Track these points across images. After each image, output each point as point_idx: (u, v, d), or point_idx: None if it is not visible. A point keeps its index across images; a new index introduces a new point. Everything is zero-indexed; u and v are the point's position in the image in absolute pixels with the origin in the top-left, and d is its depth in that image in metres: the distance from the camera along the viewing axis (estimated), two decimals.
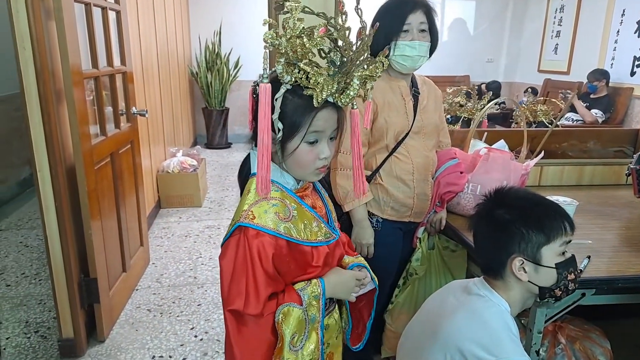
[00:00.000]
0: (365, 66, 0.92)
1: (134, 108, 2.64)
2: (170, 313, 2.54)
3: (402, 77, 1.60)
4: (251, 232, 0.94)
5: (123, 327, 2.41)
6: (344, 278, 1.08)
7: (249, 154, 1.08)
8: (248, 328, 0.95)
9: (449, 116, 3.05)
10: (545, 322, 1.38)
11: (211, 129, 6.25)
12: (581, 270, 1.15)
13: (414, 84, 1.64)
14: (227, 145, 6.44)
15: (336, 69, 0.92)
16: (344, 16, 0.89)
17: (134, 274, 2.74)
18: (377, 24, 0.98)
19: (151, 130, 3.71)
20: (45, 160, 1.89)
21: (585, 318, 1.79)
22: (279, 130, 0.95)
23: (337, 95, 0.92)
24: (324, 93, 0.90)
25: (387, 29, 1.47)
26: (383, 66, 0.94)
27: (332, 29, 0.89)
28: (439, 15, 1.60)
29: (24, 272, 2.94)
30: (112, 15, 2.38)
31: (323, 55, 0.93)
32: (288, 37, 0.87)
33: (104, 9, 2.25)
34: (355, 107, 0.99)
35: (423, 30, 1.52)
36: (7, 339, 2.28)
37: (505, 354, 1.00)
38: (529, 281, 1.09)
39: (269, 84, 0.88)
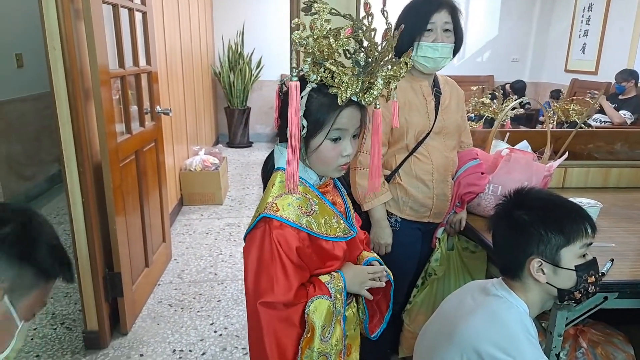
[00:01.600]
0: (390, 67, 0.95)
1: (158, 107, 2.70)
2: (190, 308, 2.58)
3: (424, 77, 1.59)
4: (275, 223, 0.97)
5: (145, 320, 2.46)
6: (357, 272, 1.10)
7: (273, 150, 1.12)
8: (280, 318, 0.97)
9: (472, 115, 3.01)
10: (566, 325, 1.36)
11: (233, 128, 6.32)
12: (603, 274, 1.14)
13: (435, 84, 1.63)
14: (249, 144, 6.50)
15: (360, 69, 0.94)
16: (370, 17, 0.92)
17: (156, 269, 2.79)
18: (402, 25, 1.00)
19: (175, 128, 3.78)
20: (73, 158, 1.95)
21: (608, 322, 1.75)
22: (303, 127, 0.98)
23: (361, 94, 0.95)
24: (348, 92, 0.93)
25: (410, 29, 1.47)
26: (407, 66, 0.95)
27: (359, 30, 0.92)
28: (463, 14, 1.58)
29: None
30: (138, 16, 2.43)
31: (348, 55, 0.95)
32: (315, 37, 0.90)
33: (130, 10, 2.31)
34: (378, 106, 1.00)
35: (447, 30, 1.50)
36: (34, 329, 2.35)
37: (522, 355, 1.00)
38: (547, 283, 1.08)
39: (298, 82, 0.91)
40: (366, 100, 0.96)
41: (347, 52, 0.95)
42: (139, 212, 2.51)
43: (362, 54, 0.94)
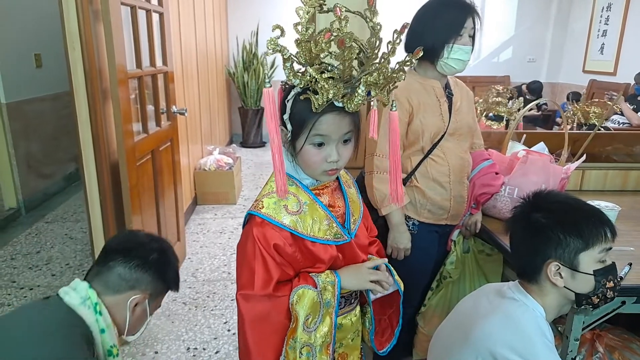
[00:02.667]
0: (372, 72, 0.90)
1: (174, 107, 2.73)
2: (204, 307, 2.61)
3: (437, 79, 1.59)
4: (257, 220, 0.99)
5: (159, 318, 2.49)
6: (354, 267, 1.10)
7: None
8: (261, 311, 0.98)
9: (491, 114, 2.98)
10: (583, 329, 1.34)
11: (246, 128, 6.35)
12: (621, 278, 1.12)
13: (447, 85, 1.62)
14: (262, 144, 6.53)
15: (339, 75, 0.92)
16: (344, 22, 0.87)
17: None
18: (407, 24, 0.97)
19: (189, 128, 3.81)
20: (92, 157, 1.98)
21: (626, 328, 1.72)
22: (289, 130, 0.99)
23: (345, 100, 0.93)
24: (319, 99, 0.91)
25: (444, 31, 1.47)
26: (389, 72, 0.91)
27: (335, 34, 0.87)
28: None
29: (68, 263, 3.08)
30: (155, 17, 2.46)
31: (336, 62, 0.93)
32: (298, 41, 0.88)
33: (148, 11, 2.34)
34: (394, 108, 0.98)
35: (471, 36, 1.52)
36: None
37: (537, 357, 0.99)
38: (565, 287, 1.07)
39: (271, 88, 0.90)
40: (349, 106, 0.92)
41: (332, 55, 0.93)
42: (155, 210, 2.54)
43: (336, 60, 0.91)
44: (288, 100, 0.98)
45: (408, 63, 0.92)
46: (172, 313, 2.54)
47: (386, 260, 1.16)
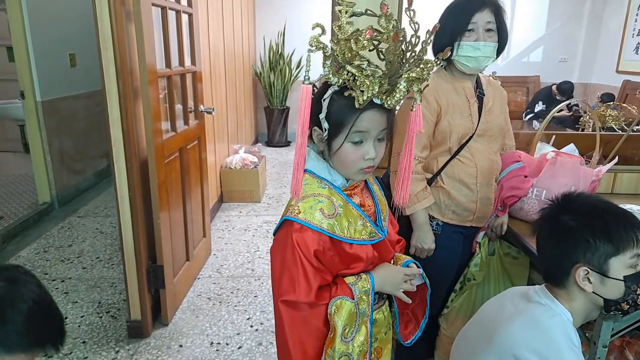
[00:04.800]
0: (413, 68, 0.92)
1: (202, 106, 2.77)
2: (228, 302, 2.65)
3: (467, 78, 1.56)
4: (296, 226, 0.98)
5: (185, 313, 2.54)
6: (392, 273, 1.10)
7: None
8: (301, 317, 0.99)
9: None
10: (612, 336, 1.30)
11: (272, 128, 6.40)
12: None
13: (478, 85, 1.60)
14: (287, 144, 6.57)
15: (383, 71, 0.93)
16: (389, 18, 0.89)
17: (196, 264, 2.87)
18: (438, 24, 0.97)
19: (216, 127, 3.87)
20: (122, 154, 2.03)
21: None
22: (325, 129, 0.99)
23: (383, 96, 0.94)
24: (365, 95, 0.92)
25: (451, 28, 1.45)
26: (435, 65, 0.93)
27: (377, 32, 0.90)
28: (508, 13, 1.54)
29: (98, 257, 3.17)
30: (185, 18, 2.51)
31: (382, 57, 0.94)
32: (336, 40, 0.90)
33: (178, 11, 2.39)
34: (413, 108, 0.97)
35: (490, 30, 1.47)
36: (81, 317, 2.47)
37: None
38: (593, 292, 1.04)
39: (310, 86, 0.91)
40: (389, 102, 0.94)
41: (380, 53, 0.95)
42: (182, 207, 2.59)
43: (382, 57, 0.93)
44: (324, 100, 0.98)
45: (438, 62, 0.93)
46: (197, 308, 2.58)
47: (421, 271, 1.17)
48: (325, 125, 0.99)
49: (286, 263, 0.98)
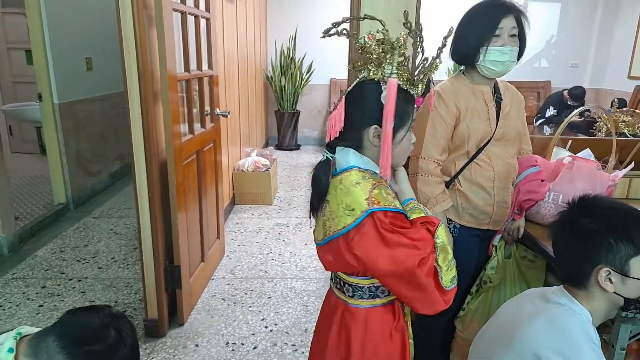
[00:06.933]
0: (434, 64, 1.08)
1: (217, 109, 2.81)
2: (242, 303, 2.68)
3: (486, 83, 1.59)
4: (381, 213, 1.04)
5: (200, 313, 2.57)
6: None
7: (326, 159, 1.15)
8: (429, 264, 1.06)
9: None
10: (630, 339, 1.32)
11: (282, 131, 6.45)
12: None
13: (496, 90, 1.62)
14: (297, 147, 6.61)
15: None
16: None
17: (210, 265, 2.91)
18: (452, 28, 1.09)
19: (229, 130, 3.92)
20: (142, 155, 2.07)
21: None
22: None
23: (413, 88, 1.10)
24: (421, 87, 1.08)
25: (477, 34, 1.48)
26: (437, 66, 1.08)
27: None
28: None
29: (113, 257, 3.21)
30: (203, 23, 2.56)
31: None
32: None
33: (196, 17, 2.43)
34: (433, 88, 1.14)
35: (513, 35, 1.50)
36: None
37: None
38: (614, 292, 1.06)
39: (396, 80, 1.05)
40: (418, 93, 1.10)
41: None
42: (198, 208, 2.63)
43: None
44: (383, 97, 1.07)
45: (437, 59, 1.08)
46: (212, 308, 2.62)
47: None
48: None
49: (392, 241, 1.04)
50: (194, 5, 2.42)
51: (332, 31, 1.07)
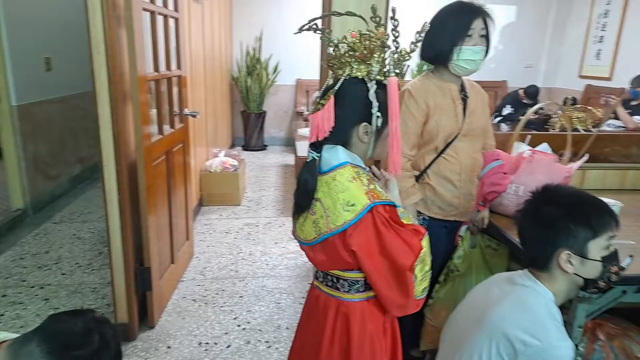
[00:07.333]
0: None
1: (186, 110, 2.80)
2: (214, 303, 2.67)
3: (454, 81, 1.67)
4: (381, 207, 1.08)
5: (171, 315, 2.55)
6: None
7: (312, 159, 1.15)
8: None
9: None
10: (586, 317, 1.42)
11: (249, 132, 6.43)
12: (623, 268, 1.20)
13: (462, 88, 1.70)
14: (263, 148, 6.62)
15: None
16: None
17: (180, 266, 2.89)
18: (428, 24, 1.13)
19: (196, 131, 3.88)
20: (112, 157, 2.04)
21: (624, 317, 1.81)
22: (378, 118, 1.11)
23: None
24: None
25: (451, 34, 1.56)
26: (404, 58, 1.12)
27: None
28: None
29: (77, 262, 3.13)
30: (171, 23, 2.54)
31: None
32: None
33: (165, 16, 2.41)
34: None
35: (483, 36, 1.60)
36: None
37: (548, 338, 1.07)
38: (574, 273, 1.15)
39: (396, 77, 1.09)
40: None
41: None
42: (167, 210, 2.61)
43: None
44: (371, 96, 1.10)
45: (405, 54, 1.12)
46: (183, 310, 2.60)
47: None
48: (378, 114, 1.11)
49: (387, 239, 1.07)
50: (163, 5, 2.40)
51: (306, 27, 1.10)
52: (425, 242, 1.12)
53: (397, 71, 1.11)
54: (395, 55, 1.11)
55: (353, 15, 1.09)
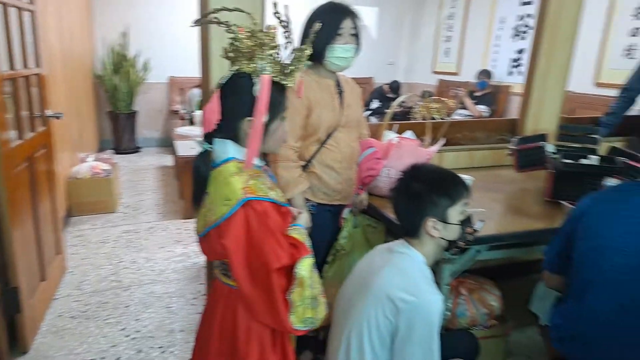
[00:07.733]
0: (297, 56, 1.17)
1: (48, 111, 2.55)
2: (96, 317, 2.51)
3: (331, 77, 1.80)
4: (255, 202, 1.08)
5: (45, 336, 2.34)
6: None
7: (205, 150, 1.19)
8: (285, 277, 1.10)
9: None
10: (450, 277, 1.67)
11: (119, 133, 6.02)
12: (477, 230, 1.44)
13: (338, 83, 1.85)
14: (136, 150, 6.24)
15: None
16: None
17: (52, 283, 2.65)
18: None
19: (59, 135, 3.54)
20: None
21: (480, 274, 2.14)
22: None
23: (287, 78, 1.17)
24: (294, 78, 1.16)
25: (323, 33, 1.66)
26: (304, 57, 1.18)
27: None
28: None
29: None
30: (27, 16, 2.29)
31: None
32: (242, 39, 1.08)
33: (19, 9, 2.18)
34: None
35: (353, 35, 1.73)
36: None
37: (421, 292, 1.26)
38: (440, 237, 1.35)
39: (270, 76, 1.11)
40: (290, 83, 1.17)
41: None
42: (32, 222, 2.36)
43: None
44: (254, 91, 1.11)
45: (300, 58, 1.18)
46: (60, 329, 2.40)
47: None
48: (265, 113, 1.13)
49: (259, 237, 1.07)
50: None
51: (206, 19, 1.13)
52: (305, 264, 1.11)
53: (293, 68, 1.15)
54: (294, 54, 1.15)
55: (241, 11, 1.12)
